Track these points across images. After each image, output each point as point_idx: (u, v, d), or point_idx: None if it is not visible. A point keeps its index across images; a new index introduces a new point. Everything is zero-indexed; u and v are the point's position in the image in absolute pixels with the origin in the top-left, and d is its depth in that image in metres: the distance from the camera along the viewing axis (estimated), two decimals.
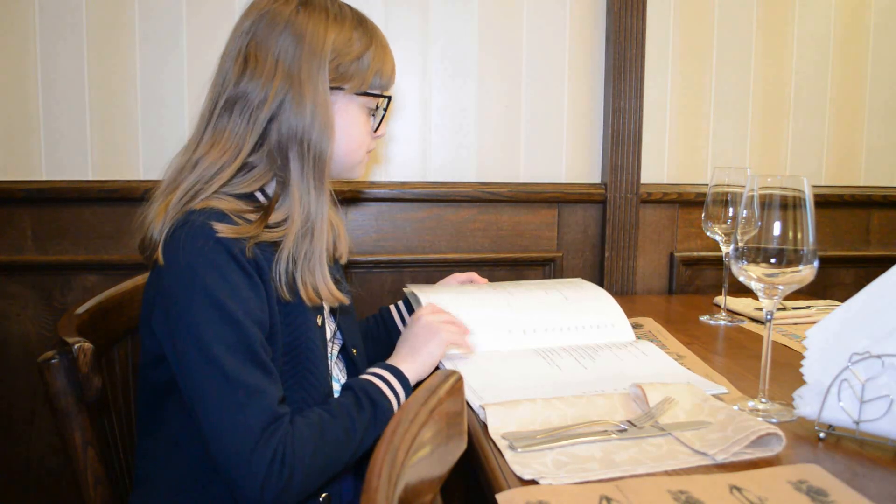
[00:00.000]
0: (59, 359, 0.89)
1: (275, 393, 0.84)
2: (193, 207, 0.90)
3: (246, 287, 0.87)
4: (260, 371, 0.84)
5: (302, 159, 0.95)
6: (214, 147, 0.94)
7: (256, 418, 0.81)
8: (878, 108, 1.88)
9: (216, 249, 0.86)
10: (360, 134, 1.03)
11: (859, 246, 1.90)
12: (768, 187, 0.87)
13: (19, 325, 1.56)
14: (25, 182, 1.53)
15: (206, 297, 0.84)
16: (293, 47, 0.94)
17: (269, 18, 0.96)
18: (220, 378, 0.81)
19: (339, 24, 0.97)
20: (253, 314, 0.87)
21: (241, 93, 0.94)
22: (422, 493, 0.62)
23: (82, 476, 0.92)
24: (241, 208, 0.92)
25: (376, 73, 1.01)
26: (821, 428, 0.85)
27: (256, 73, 0.94)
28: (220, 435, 0.81)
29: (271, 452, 0.80)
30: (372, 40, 1.00)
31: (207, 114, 0.97)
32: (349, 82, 0.98)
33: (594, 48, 1.72)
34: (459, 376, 0.71)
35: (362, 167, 1.08)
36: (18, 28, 1.51)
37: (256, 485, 0.79)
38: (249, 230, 0.89)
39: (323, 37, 0.95)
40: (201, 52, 1.56)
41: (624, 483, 0.72)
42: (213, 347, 0.82)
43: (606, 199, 1.71)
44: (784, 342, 1.26)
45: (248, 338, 0.84)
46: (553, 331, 1.23)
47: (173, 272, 0.86)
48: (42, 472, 1.59)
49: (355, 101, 1.01)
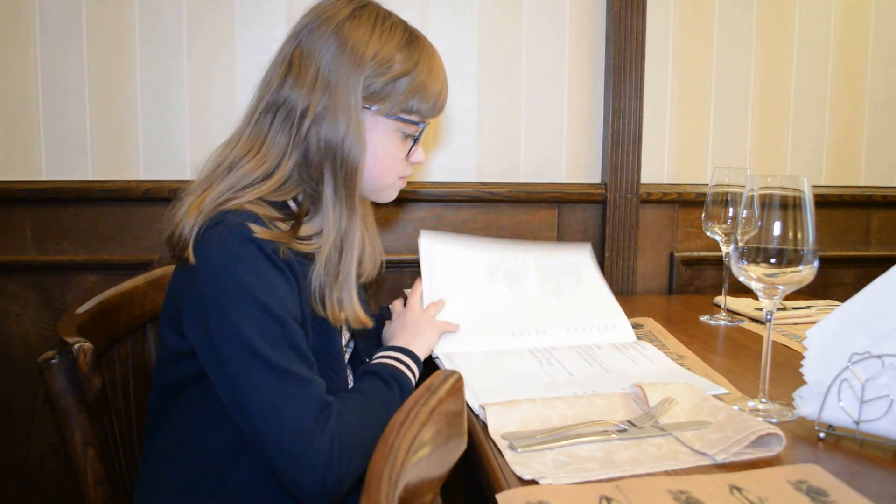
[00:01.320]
0: (59, 359, 0.89)
1: (321, 383, 0.85)
2: (228, 208, 0.89)
3: (282, 285, 0.87)
4: (305, 364, 0.85)
5: (335, 175, 0.94)
6: (252, 151, 0.94)
7: (310, 408, 0.81)
8: (878, 109, 1.88)
9: (251, 249, 0.86)
10: (389, 157, 1.00)
11: (859, 246, 1.90)
12: (768, 187, 0.87)
13: (19, 325, 1.56)
14: (25, 182, 1.53)
15: (245, 296, 0.84)
16: (335, 56, 0.93)
17: (319, 22, 0.95)
18: (269, 372, 0.82)
19: (383, 39, 0.95)
20: (291, 311, 0.87)
21: (282, 98, 0.94)
22: (422, 493, 0.62)
23: (82, 476, 0.92)
24: (274, 215, 0.91)
25: (414, 97, 0.97)
26: (821, 428, 0.85)
27: (299, 81, 0.93)
28: (275, 429, 0.80)
29: (328, 438, 0.80)
30: (418, 63, 0.96)
31: (250, 113, 0.97)
32: (380, 103, 0.96)
33: (594, 48, 1.72)
34: (459, 376, 0.71)
35: (393, 192, 1.05)
36: (19, 28, 1.51)
37: (318, 473, 0.80)
38: (282, 236, 0.89)
39: (363, 49, 0.93)
40: (201, 52, 1.56)
41: (624, 483, 0.72)
42: (257, 344, 0.82)
43: (606, 199, 1.71)
44: (784, 342, 1.26)
45: (290, 333, 0.85)
46: (554, 332, 1.23)
47: (208, 272, 0.86)
48: (42, 472, 1.59)
49: (385, 124, 0.97)
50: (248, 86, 1.58)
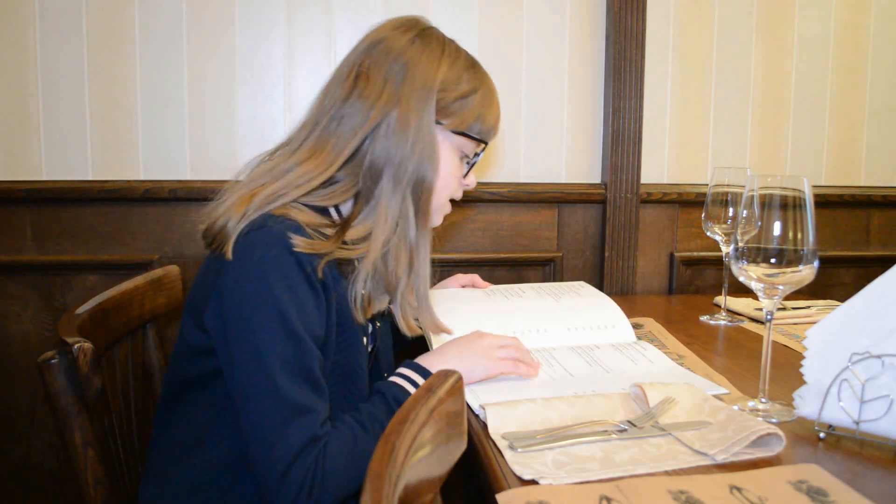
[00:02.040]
0: (59, 359, 0.90)
1: (321, 412, 0.85)
2: (272, 212, 0.89)
3: (311, 303, 0.87)
4: (311, 389, 0.84)
5: (395, 182, 0.94)
6: (313, 157, 0.94)
7: (297, 437, 0.81)
8: (878, 109, 1.88)
9: (289, 261, 0.86)
10: (448, 175, 1.01)
11: (859, 246, 1.90)
12: (768, 187, 0.87)
13: (19, 325, 1.56)
14: (25, 182, 1.53)
15: (271, 307, 0.84)
16: (403, 74, 0.95)
17: (385, 44, 0.97)
18: (271, 391, 0.82)
19: (451, 60, 0.98)
20: (314, 331, 0.87)
21: (347, 110, 0.95)
22: (422, 493, 0.62)
23: (82, 476, 0.92)
24: (317, 222, 0.92)
25: (478, 118, 1.00)
26: (821, 428, 0.85)
27: (364, 93, 0.95)
28: (261, 446, 0.82)
29: (304, 471, 0.80)
30: (481, 85, 1.00)
31: (311, 125, 0.98)
32: (448, 118, 0.98)
33: (594, 48, 1.72)
34: (459, 376, 0.71)
35: (441, 215, 1.05)
36: (19, 28, 1.51)
37: (289, 499, 0.80)
38: (325, 246, 0.89)
39: (435, 70, 0.96)
40: (202, 52, 1.56)
41: (624, 483, 0.72)
42: (269, 359, 0.82)
43: (606, 199, 1.71)
44: (784, 342, 1.26)
45: (305, 354, 0.84)
46: (554, 331, 1.23)
47: (242, 274, 0.86)
48: (42, 472, 1.59)
49: (450, 140, 1.00)
50: (247, 85, 1.58)
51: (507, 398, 0.92)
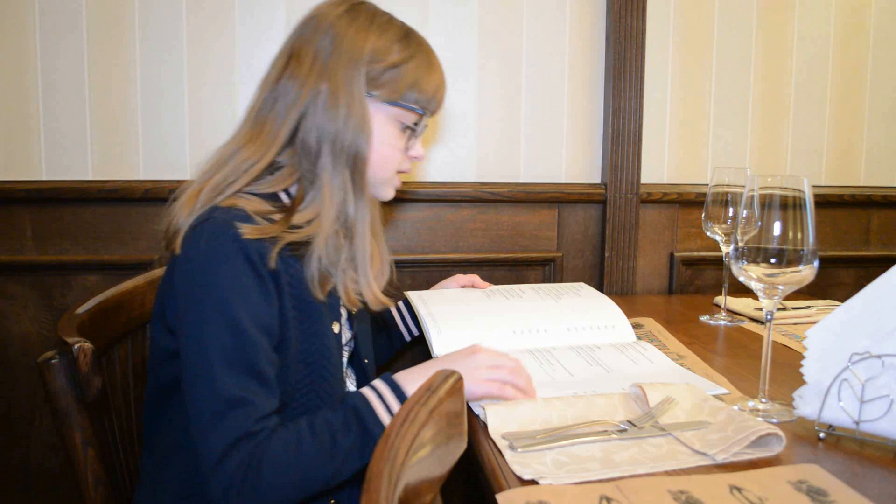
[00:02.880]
0: (59, 359, 0.90)
1: (262, 406, 0.83)
2: (219, 204, 0.90)
3: (257, 292, 0.87)
4: (253, 381, 0.83)
5: (335, 158, 0.94)
6: (250, 142, 0.95)
7: (231, 429, 0.80)
8: (878, 108, 1.88)
9: (234, 250, 0.86)
10: (388, 147, 1.00)
11: (859, 246, 1.90)
12: (768, 187, 0.87)
13: (19, 325, 1.56)
14: (25, 182, 1.53)
15: (215, 298, 0.84)
16: (331, 48, 0.95)
17: (316, 21, 0.97)
18: (208, 383, 0.82)
19: (380, 32, 0.97)
20: (261, 321, 0.86)
21: (280, 90, 0.95)
22: (422, 493, 0.62)
23: (82, 476, 0.92)
24: (264, 209, 0.92)
25: (413, 87, 0.99)
26: (821, 428, 0.85)
27: (295, 73, 0.95)
28: (198, 436, 0.82)
29: (236, 465, 0.79)
30: (416, 54, 0.99)
31: (248, 111, 0.99)
32: (380, 89, 0.97)
33: (594, 48, 1.72)
34: (459, 376, 0.71)
35: (390, 188, 1.05)
36: (18, 28, 1.51)
37: (219, 493, 0.80)
38: (273, 230, 0.89)
39: (362, 41, 0.95)
40: (201, 51, 1.56)
41: (624, 483, 0.72)
42: (209, 350, 0.83)
43: (606, 199, 1.71)
44: (784, 342, 1.26)
45: (247, 346, 0.84)
46: (554, 332, 1.23)
47: (188, 267, 0.87)
48: (42, 472, 1.59)
49: (384, 111, 0.99)
50: (246, 85, 1.58)
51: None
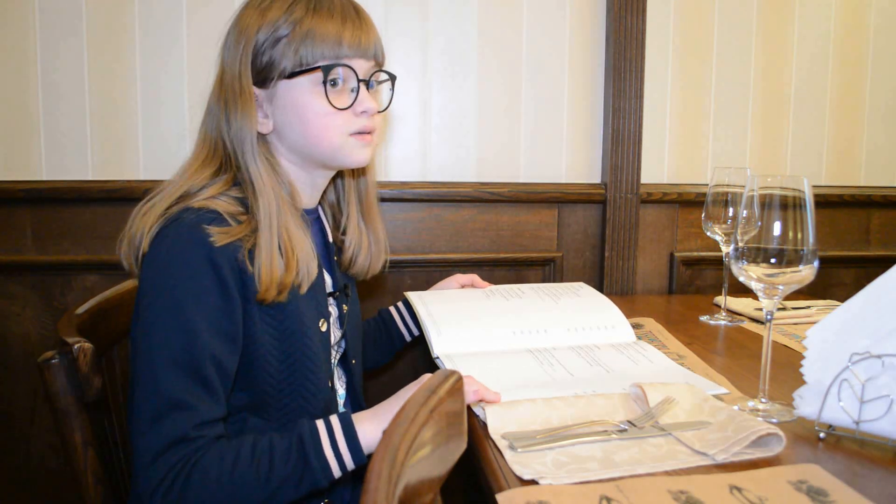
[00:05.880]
0: (59, 359, 0.89)
1: (205, 412, 0.82)
2: (191, 205, 0.89)
3: (217, 295, 0.85)
4: (199, 386, 0.82)
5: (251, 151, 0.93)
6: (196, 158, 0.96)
7: (166, 432, 0.80)
8: (878, 108, 1.88)
9: (197, 253, 0.85)
10: (316, 115, 0.94)
11: (859, 246, 1.90)
12: (768, 187, 0.87)
13: (19, 325, 1.56)
14: (25, 182, 1.53)
15: (168, 298, 0.84)
16: (230, 48, 0.96)
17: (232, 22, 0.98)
18: (151, 382, 0.81)
19: (264, 11, 0.93)
20: (219, 326, 0.85)
21: (211, 97, 0.98)
22: (422, 493, 0.62)
23: (82, 476, 0.92)
24: (236, 210, 0.91)
25: (305, 45, 0.92)
26: (821, 428, 0.85)
27: (216, 83, 0.98)
28: (134, 435, 0.82)
29: (166, 469, 0.79)
30: (305, 14, 0.92)
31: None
32: (276, 70, 0.93)
33: (594, 48, 1.72)
34: (459, 376, 0.71)
35: (351, 151, 0.97)
36: (18, 28, 1.51)
37: (147, 493, 0.79)
38: (241, 230, 0.89)
39: (252, 28, 0.93)
40: (201, 52, 1.56)
41: (624, 483, 0.72)
42: (156, 350, 0.82)
43: (606, 199, 1.71)
44: (784, 342, 1.26)
45: (196, 348, 0.83)
46: (554, 332, 1.23)
47: (150, 266, 0.87)
48: (42, 472, 1.59)
49: (293, 86, 0.94)
50: None
51: (507, 398, 0.92)
